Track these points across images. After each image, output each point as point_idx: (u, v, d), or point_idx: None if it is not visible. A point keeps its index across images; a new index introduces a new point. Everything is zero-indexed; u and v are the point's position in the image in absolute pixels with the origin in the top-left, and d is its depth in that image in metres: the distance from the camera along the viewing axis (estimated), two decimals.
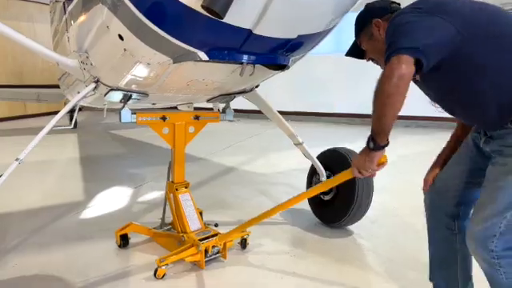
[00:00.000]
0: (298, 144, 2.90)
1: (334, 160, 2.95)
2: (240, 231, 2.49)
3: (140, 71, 1.92)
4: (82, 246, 2.72)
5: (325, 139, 2.80)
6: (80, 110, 8.43)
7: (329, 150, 3.07)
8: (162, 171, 2.87)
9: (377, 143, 1.53)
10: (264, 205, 3.55)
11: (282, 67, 2.00)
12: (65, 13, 2.65)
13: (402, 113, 1.48)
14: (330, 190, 2.95)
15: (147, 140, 6.76)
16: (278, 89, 7.00)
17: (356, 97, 8.71)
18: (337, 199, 2.89)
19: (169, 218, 2.86)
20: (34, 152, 2.04)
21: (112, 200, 3.74)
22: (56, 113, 2.21)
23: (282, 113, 2.94)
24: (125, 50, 1.75)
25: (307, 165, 3.46)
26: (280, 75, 2.79)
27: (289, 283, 2.27)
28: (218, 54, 1.59)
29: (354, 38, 1.96)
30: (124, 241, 2.67)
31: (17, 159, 2.02)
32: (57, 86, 6.86)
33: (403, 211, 3.39)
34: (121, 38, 1.70)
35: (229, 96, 2.59)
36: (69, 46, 2.49)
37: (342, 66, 8.66)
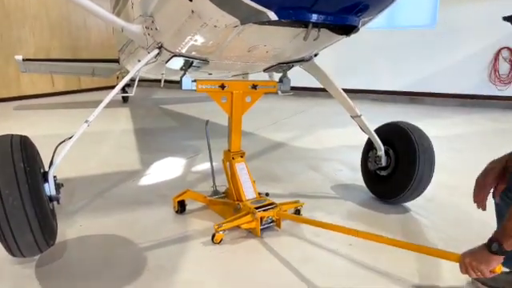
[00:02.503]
0: (356, 116, 2.81)
1: (393, 134, 2.84)
2: (297, 219, 2.51)
3: (205, 35, 1.91)
4: (141, 210, 2.82)
5: (369, 119, 2.70)
6: (129, 85, 8.71)
7: (388, 124, 2.96)
8: (213, 144, 2.90)
9: (502, 248, 1.38)
10: (315, 180, 3.53)
11: (349, 31, 1.93)
12: None
13: (457, 91, 1.36)
14: (388, 165, 2.86)
15: (196, 115, 6.88)
16: (321, 66, 6.82)
17: (404, 73, 8.39)
18: (395, 174, 2.79)
19: (221, 187, 2.91)
20: (90, 124, 2.10)
21: (167, 169, 3.85)
22: (109, 87, 2.25)
23: (323, 90, 2.86)
24: (192, 11, 1.74)
25: (357, 142, 3.38)
26: (324, 52, 2.71)
27: (345, 255, 2.25)
28: (287, 13, 1.54)
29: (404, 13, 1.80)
30: (181, 207, 2.75)
31: (86, 121, 2.10)
32: (110, 61, 7.13)
33: (462, 190, 3.22)
34: None
35: (286, 65, 2.55)
36: (132, 12, 2.52)
37: (390, 41, 8.33)
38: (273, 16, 1.54)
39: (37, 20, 8.87)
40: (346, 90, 2.82)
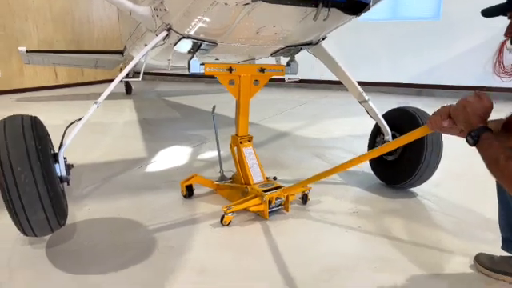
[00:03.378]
0: (364, 101, 2.80)
1: (401, 119, 2.84)
2: (302, 186, 2.48)
3: (215, 15, 1.90)
4: (149, 195, 2.83)
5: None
6: (132, 77, 8.69)
7: (396, 109, 2.96)
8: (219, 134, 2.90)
9: (476, 137, 1.35)
10: (320, 166, 3.52)
11: (359, 10, 1.92)
12: None
13: (461, 83, 1.36)
14: (395, 150, 2.85)
15: (199, 106, 6.88)
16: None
17: (409, 66, 8.35)
18: (402, 159, 2.79)
19: (228, 173, 2.91)
20: (94, 115, 2.10)
21: (173, 156, 3.86)
22: (111, 81, 2.24)
23: (329, 82, 2.86)
24: None
25: (361, 131, 3.39)
26: (329, 43, 2.70)
27: (354, 237, 2.26)
28: None
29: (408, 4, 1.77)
30: (189, 191, 2.75)
31: (95, 102, 2.10)
32: (114, 52, 7.12)
33: (468, 176, 3.25)
34: None
35: (294, 48, 2.54)
36: None
37: (394, 33, 8.29)
38: None
39: (40, 13, 8.84)
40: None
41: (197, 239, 2.19)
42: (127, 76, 4.88)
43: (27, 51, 6.66)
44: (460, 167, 3.42)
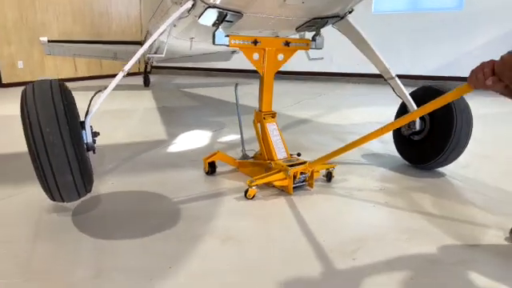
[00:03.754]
0: (390, 78, 2.74)
1: (429, 97, 2.73)
2: (327, 160, 2.42)
3: None
4: (172, 172, 2.82)
5: (390, 103, 2.63)
6: (149, 72, 8.78)
7: (423, 87, 2.89)
8: (237, 121, 2.88)
9: None
10: None
11: None
12: None
13: None
14: (423, 129, 2.78)
15: (218, 96, 6.88)
16: (343, 51, 6.70)
17: (433, 58, 8.19)
18: (430, 137, 2.72)
19: (250, 152, 2.88)
20: (114, 103, 2.09)
21: (194, 139, 3.86)
22: (130, 75, 2.22)
23: (347, 75, 2.80)
24: None
25: (383, 118, 3.31)
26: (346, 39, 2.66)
27: (381, 211, 2.20)
28: None
29: None
30: (211, 168, 2.73)
31: (122, 70, 2.09)
32: (133, 43, 7.18)
33: (498, 159, 3.16)
34: None
35: (320, 21, 2.48)
36: None
37: (418, 25, 8.14)
38: None
39: (60, 5, 8.98)
40: (368, 75, 2.76)
41: (221, 210, 2.16)
42: (150, 54, 4.81)
43: (49, 41, 6.75)
44: (488, 151, 3.33)
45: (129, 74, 2.25)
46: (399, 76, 2.75)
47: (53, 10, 8.83)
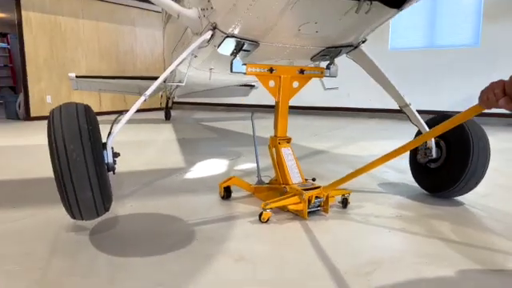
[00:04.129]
0: (405, 106, 2.77)
1: None
2: (343, 183, 2.43)
3: (259, 9, 1.98)
4: (188, 196, 2.86)
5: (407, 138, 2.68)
6: (171, 108, 9.06)
7: (439, 116, 2.89)
8: (253, 150, 2.95)
9: None
10: (361, 178, 3.38)
11: (400, 3, 1.94)
12: None
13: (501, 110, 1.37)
14: (439, 157, 2.77)
15: (236, 129, 7.00)
16: (361, 87, 6.81)
17: (452, 94, 8.18)
18: (447, 165, 2.69)
19: (265, 178, 2.90)
20: (135, 134, 2.18)
21: (211, 167, 3.92)
22: (152, 110, 2.33)
23: (364, 110, 2.86)
24: None
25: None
26: (362, 72, 2.74)
27: (398, 236, 2.16)
28: None
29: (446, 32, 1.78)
30: (227, 193, 2.76)
31: (144, 95, 2.20)
32: (156, 78, 7.46)
33: None
34: None
35: (334, 50, 2.57)
36: None
37: (435, 61, 8.21)
38: None
39: (89, 44, 9.49)
40: (385, 111, 2.81)
41: (235, 232, 2.17)
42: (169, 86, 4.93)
43: (76, 76, 7.10)
44: (510, 182, 3.26)
45: (151, 109, 2.36)
46: (420, 111, 2.78)
47: (82, 48, 9.33)
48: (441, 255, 1.89)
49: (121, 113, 2.22)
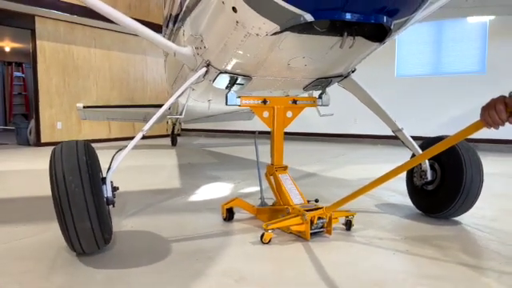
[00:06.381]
0: (397, 130, 2.81)
1: None
2: (345, 203, 2.40)
3: (248, 47, 2.05)
4: (190, 217, 2.88)
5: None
6: (178, 134, 9.16)
7: (433, 138, 2.90)
8: (257, 173, 2.96)
9: None
10: (365, 201, 3.42)
11: (382, 37, 1.97)
12: (181, 10, 2.94)
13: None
14: (434, 179, 2.77)
15: (240, 154, 7.03)
16: (367, 115, 6.80)
17: (459, 121, 8.15)
18: (443, 187, 2.71)
19: (268, 200, 2.89)
20: (142, 159, 2.23)
21: (213, 190, 3.93)
22: (159, 136, 2.40)
23: (370, 136, 2.89)
24: (237, 22, 1.91)
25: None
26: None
27: (402, 258, 2.13)
28: (322, 13, 1.66)
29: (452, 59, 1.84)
30: (230, 214, 2.75)
31: (142, 130, 2.27)
32: (161, 106, 7.59)
33: None
34: (234, 10, 1.85)
35: (325, 81, 2.61)
36: (183, 38, 2.79)
37: (442, 88, 8.23)
38: (309, 17, 1.67)
39: (100, 72, 9.73)
40: (389, 137, 2.83)
41: (235, 252, 2.16)
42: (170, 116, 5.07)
43: (84, 107, 7.26)
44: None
45: (158, 137, 2.40)
46: (422, 138, 2.81)
47: (93, 76, 9.56)
48: (446, 278, 1.85)
49: (120, 149, 2.25)
